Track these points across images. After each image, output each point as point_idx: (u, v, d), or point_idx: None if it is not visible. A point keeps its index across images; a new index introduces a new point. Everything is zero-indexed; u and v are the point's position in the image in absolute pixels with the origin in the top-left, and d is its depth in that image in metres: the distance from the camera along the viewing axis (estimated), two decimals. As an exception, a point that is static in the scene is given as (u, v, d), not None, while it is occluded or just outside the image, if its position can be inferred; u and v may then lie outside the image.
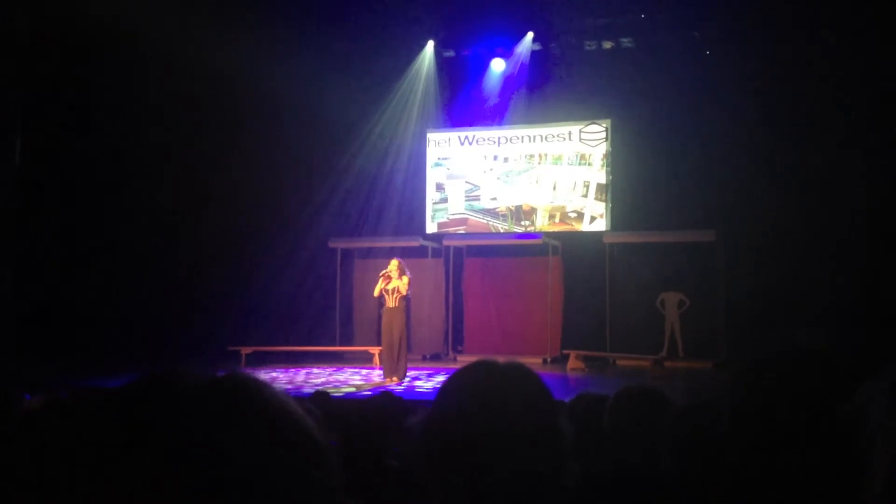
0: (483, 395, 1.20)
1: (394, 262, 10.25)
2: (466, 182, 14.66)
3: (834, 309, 11.23)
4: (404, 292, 10.14)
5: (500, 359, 1.28)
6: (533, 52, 14.47)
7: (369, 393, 8.59)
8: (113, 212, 12.43)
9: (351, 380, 10.75)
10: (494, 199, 14.48)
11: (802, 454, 1.14)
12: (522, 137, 14.37)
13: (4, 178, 10.70)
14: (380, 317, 10.96)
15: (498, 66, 14.78)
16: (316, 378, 10.85)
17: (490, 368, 1.25)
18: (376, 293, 10.32)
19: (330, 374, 11.34)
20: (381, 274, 10.23)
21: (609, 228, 13.69)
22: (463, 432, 1.16)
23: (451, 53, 15.08)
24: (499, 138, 14.53)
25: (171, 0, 11.16)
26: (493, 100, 14.85)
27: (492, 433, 1.15)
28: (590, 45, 14.02)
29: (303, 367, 12.12)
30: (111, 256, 12.37)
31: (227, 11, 11.98)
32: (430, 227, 14.75)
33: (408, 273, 10.23)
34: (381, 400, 4.04)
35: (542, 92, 14.31)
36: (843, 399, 1.16)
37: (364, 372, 11.65)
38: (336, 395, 8.10)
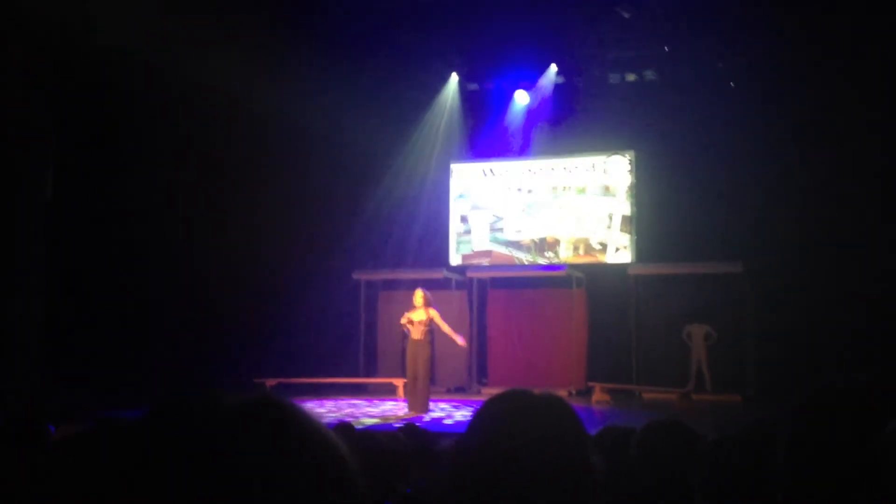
0: (515, 425, 1.18)
1: (418, 294, 10.20)
2: (490, 214, 14.67)
3: (864, 340, 11.05)
4: (445, 330, 10.08)
5: (536, 389, 1.27)
6: (556, 85, 14.53)
7: (393, 425, 8.54)
8: (139, 245, 12.56)
9: (374, 412, 10.70)
10: (518, 230, 14.47)
11: (853, 487, 1.12)
12: (546, 169, 14.39)
13: (36, 212, 10.88)
14: (404, 349, 10.92)
15: (521, 98, 14.85)
16: (340, 410, 10.81)
17: (524, 398, 1.24)
18: (404, 321, 10.24)
19: (354, 406, 11.30)
20: (412, 309, 10.17)
21: (634, 260, 13.62)
22: (493, 462, 1.15)
23: (474, 86, 15.19)
24: (523, 170, 14.55)
25: (203, 39, 11.35)
26: (517, 132, 14.91)
27: (523, 465, 1.14)
28: (613, 78, 14.06)
29: (327, 399, 12.09)
30: (136, 288, 12.47)
31: (256, 50, 12.15)
32: (454, 259, 14.75)
33: (434, 306, 10.16)
34: (405, 432, 4.02)
35: (566, 124, 14.34)
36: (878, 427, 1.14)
37: (388, 404, 11.60)
38: (359, 427, 8.06)
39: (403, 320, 10.20)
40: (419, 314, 10.03)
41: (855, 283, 11.55)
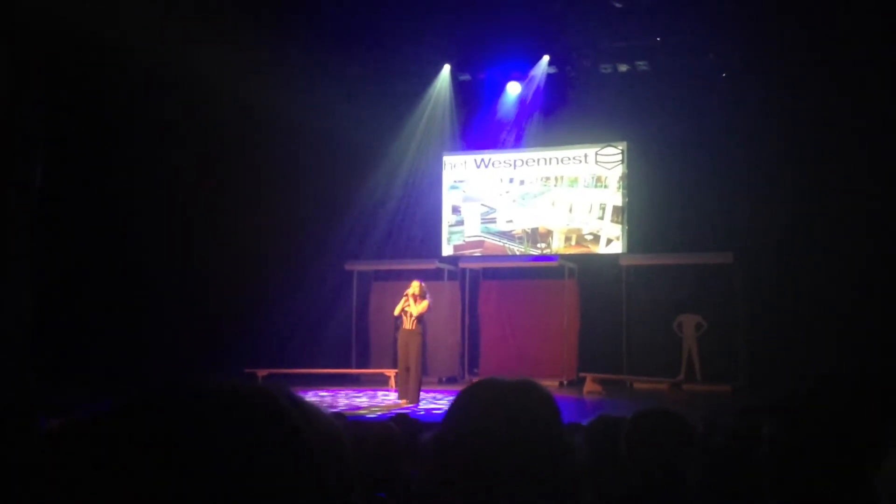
0: (490, 411, 1.20)
1: (415, 284, 10.25)
2: (482, 205, 14.67)
3: (854, 330, 11.11)
4: (415, 314, 10.10)
5: (510, 376, 1.28)
6: (548, 75, 14.52)
7: (384, 415, 8.56)
8: (131, 237, 12.53)
9: (366, 403, 10.72)
10: (510, 221, 14.48)
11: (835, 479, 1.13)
12: (538, 160, 14.39)
13: (25, 203, 10.82)
14: (396, 339, 10.94)
15: (513, 89, 14.83)
16: (332, 400, 10.82)
17: (498, 385, 1.25)
18: (397, 312, 10.30)
19: (345, 397, 11.32)
20: (406, 293, 10.22)
21: (625, 251, 13.64)
22: (470, 449, 1.16)
23: (466, 77, 15.16)
24: (515, 161, 14.55)
25: (194, 31, 11.29)
26: (509, 123, 14.90)
27: (500, 450, 1.15)
28: (605, 68, 14.04)
29: (319, 390, 12.10)
30: (127, 280, 12.44)
31: (247, 42, 12.11)
32: (447, 250, 14.75)
33: (428, 297, 10.21)
34: (397, 422, 4.03)
35: (558, 114, 14.33)
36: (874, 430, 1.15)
37: (380, 395, 11.62)
38: (351, 417, 8.07)
39: (398, 311, 10.23)
40: (412, 306, 10.05)
41: (845, 274, 11.59)
